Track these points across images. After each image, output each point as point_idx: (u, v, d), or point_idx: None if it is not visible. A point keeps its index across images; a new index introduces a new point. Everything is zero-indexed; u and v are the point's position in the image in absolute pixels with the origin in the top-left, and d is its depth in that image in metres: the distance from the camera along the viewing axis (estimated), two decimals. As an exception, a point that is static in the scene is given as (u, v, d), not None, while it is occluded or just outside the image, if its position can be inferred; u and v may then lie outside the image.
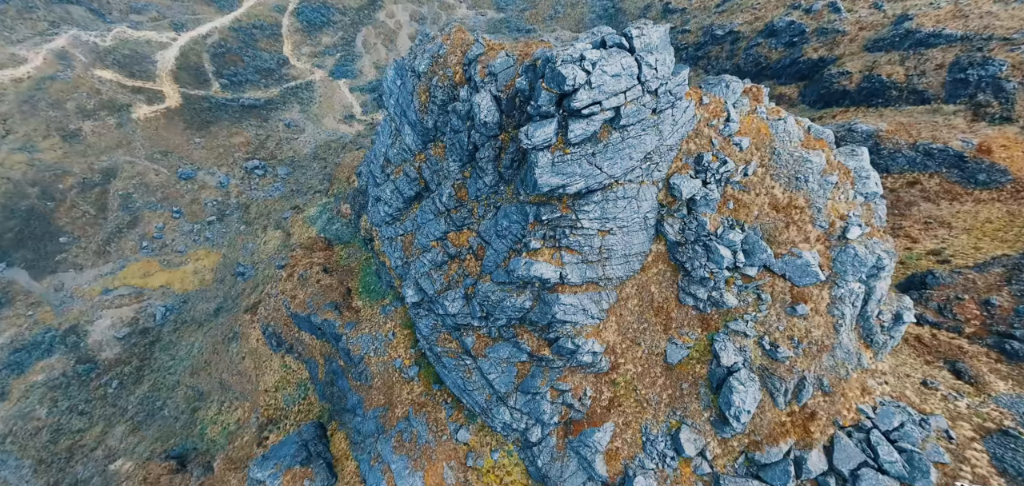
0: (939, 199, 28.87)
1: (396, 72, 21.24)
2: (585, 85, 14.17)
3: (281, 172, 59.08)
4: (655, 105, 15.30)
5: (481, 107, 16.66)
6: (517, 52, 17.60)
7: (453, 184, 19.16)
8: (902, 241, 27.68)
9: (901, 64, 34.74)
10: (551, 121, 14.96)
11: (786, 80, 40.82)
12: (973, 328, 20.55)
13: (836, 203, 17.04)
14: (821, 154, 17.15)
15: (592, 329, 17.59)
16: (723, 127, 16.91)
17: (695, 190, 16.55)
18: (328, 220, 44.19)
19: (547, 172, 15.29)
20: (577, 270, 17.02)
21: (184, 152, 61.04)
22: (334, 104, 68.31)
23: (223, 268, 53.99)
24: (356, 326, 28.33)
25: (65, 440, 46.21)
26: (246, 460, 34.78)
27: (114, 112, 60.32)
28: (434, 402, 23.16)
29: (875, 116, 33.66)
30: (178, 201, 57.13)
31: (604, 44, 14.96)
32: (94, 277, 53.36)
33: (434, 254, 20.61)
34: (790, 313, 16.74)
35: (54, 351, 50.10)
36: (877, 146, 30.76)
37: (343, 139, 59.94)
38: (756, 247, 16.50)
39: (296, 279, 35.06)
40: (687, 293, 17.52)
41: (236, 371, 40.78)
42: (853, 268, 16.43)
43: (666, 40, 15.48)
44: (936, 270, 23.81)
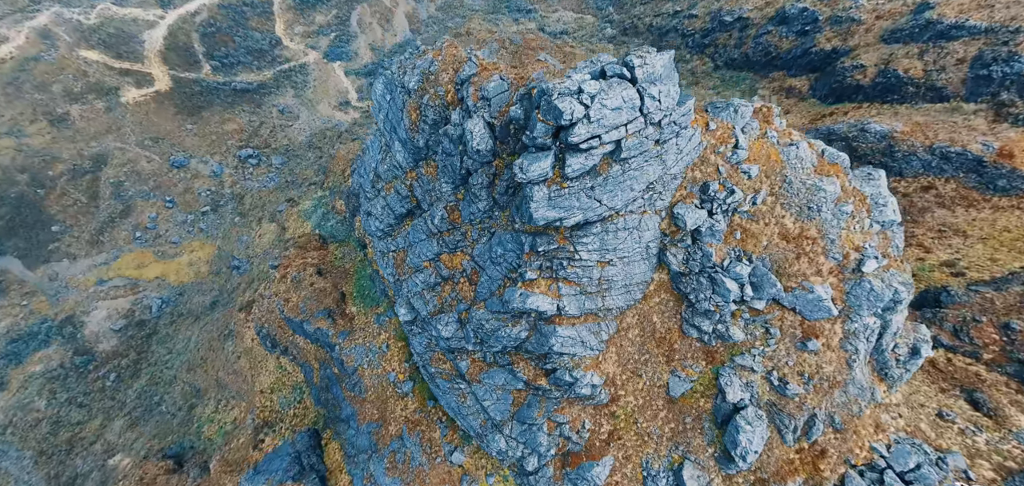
0: (955, 205, 27.71)
1: (385, 86, 19.98)
2: (583, 119, 13.02)
3: (276, 162, 57.79)
4: (658, 136, 14.16)
5: (474, 135, 15.51)
6: (512, 76, 16.33)
7: (446, 206, 18.14)
8: (914, 250, 26.66)
9: (920, 58, 33.05)
10: (547, 154, 13.86)
11: (797, 71, 39.09)
12: (991, 354, 19.68)
13: (851, 233, 16.01)
14: (835, 182, 16.02)
15: (591, 361, 16.81)
16: (731, 154, 15.76)
17: (700, 221, 15.52)
18: (323, 215, 43.18)
19: (543, 206, 14.26)
20: (575, 302, 16.15)
21: (176, 139, 59.63)
22: (329, 89, 66.49)
23: (218, 261, 53.31)
24: (350, 335, 27.68)
25: (65, 432, 46.28)
26: (242, 462, 34.60)
27: (102, 95, 58.71)
28: (429, 420, 22.62)
29: (890, 114, 32.20)
30: (171, 190, 56.09)
31: (604, 74, 13.73)
32: (88, 267, 52.76)
33: (427, 275, 19.71)
34: (800, 348, 15.91)
35: (51, 342, 49.87)
36: (891, 148, 29.43)
37: (338, 127, 58.43)
38: (765, 280, 15.56)
39: (289, 281, 34.29)
40: (691, 324, 16.66)
41: (232, 370, 40.41)
42: (868, 303, 15.52)
43: (671, 67, 14.23)
44: (951, 287, 22.85)
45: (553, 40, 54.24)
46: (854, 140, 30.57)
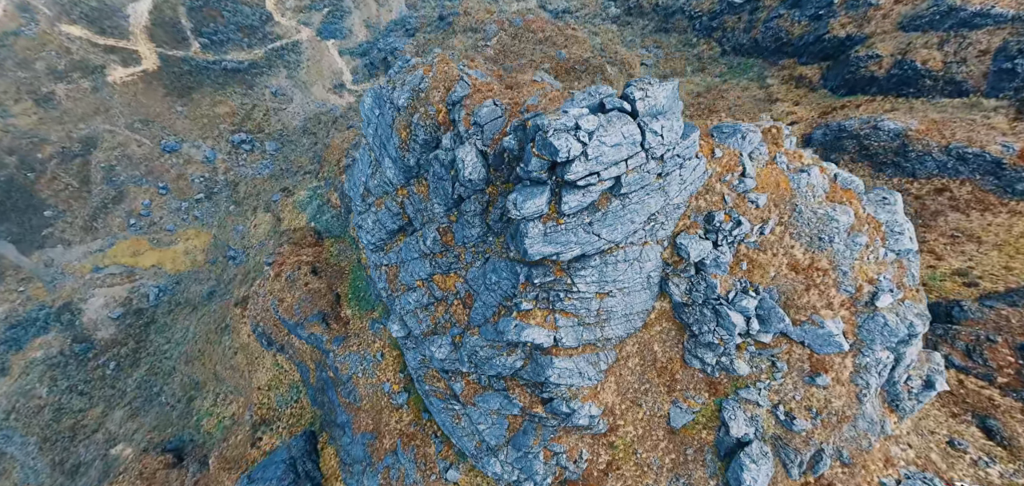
0: (969, 209, 26.66)
1: (374, 101, 18.80)
2: (581, 156, 12.02)
3: (269, 148, 56.49)
4: (661, 169, 13.17)
5: (465, 164, 14.50)
6: (506, 100, 15.18)
7: (438, 227, 17.24)
8: (925, 257, 25.75)
9: (939, 48, 31.43)
10: (542, 189, 12.90)
11: (808, 59, 37.38)
12: (1006, 378, 19.00)
13: (864, 265, 15.14)
14: (848, 211, 15.05)
15: (589, 391, 16.21)
16: (737, 183, 14.76)
17: (704, 252, 14.64)
18: (318, 208, 42.25)
19: (538, 242, 13.39)
20: (572, 333, 15.44)
21: (166, 122, 58.22)
22: (323, 69, 64.59)
23: (214, 249, 52.75)
24: (344, 342, 27.16)
25: (67, 419, 46.49)
26: (240, 460, 34.65)
27: (87, 74, 57.07)
28: (423, 434, 22.26)
29: (905, 109, 30.81)
30: (164, 176, 55.06)
31: (603, 107, 12.66)
32: (83, 254, 52.30)
33: (419, 294, 18.98)
34: (809, 382, 15.26)
35: (50, 328, 49.79)
36: (904, 147, 28.19)
37: (333, 112, 56.87)
38: (772, 314, 14.78)
39: (284, 280, 33.64)
40: (693, 355, 15.99)
41: (229, 365, 40.23)
42: (882, 337, 14.78)
43: (674, 97, 13.11)
44: (964, 301, 22.05)
45: (555, 20, 52.07)
46: (866, 138, 29.30)
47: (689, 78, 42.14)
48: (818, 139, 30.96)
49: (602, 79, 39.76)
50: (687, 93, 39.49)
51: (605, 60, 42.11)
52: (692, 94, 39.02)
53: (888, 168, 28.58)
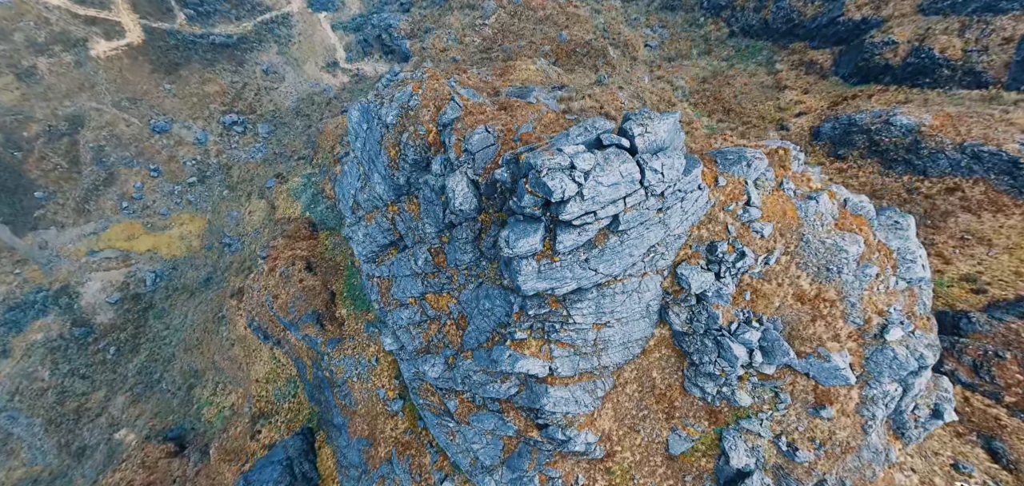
0: (982, 210, 25.77)
1: (361, 115, 17.75)
2: (576, 196, 11.21)
3: (262, 130, 55.11)
4: (661, 205, 12.36)
5: (456, 193, 13.67)
6: (499, 126, 14.18)
7: (429, 248, 16.53)
8: (933, 261, 25.03)
9: (959, 34, 29.86)
10: (536, 227, 12.13)
11: (820, 43, 35.70)
12: (1014, 397, 18.55)
13: (874, 295, 14.48)
14: (858, 239, 14.28)
15: (586, 419, 15.83)
16: (742, 212, 13.94)
17: (706, 284, 13.97)
18: (313, 197, 41.38)
19: (532, 279, 12.72)
20: (568, 362, 14.94)
21: (154, 100, 56.68)
22: (315, 45, 62.47)
23: (210, 235, 52.15)
24: (339, 345, 26.82)
25: (71, 402, 46.88)
26: (240, 452, 34.90)
27: (69, 47, 55.31)
28: (419, 443, 22.11)
29: (919, 101, 29.52)
30: (155, 158, 53.93)
31: (600, 144, 11.73)
32: (77, 237, 51.82)
33: (412, 311, 18.42)
34: (813, 413, 14.84)
35: (49, 311, 49.79)
36: (916, 144, 27.09)
37: (326, 92, 55.23)
38: (776, 346, 14.23)
39: (278, 275, 33.12)
40: (693, 383, 15.53)
41: (227, 356, 40.14)
42: (890, 370, 14.27)
43: (676, 130, 12.19)
44: (972, 313, 21.47)
45: (556, -4, 49.72)
46: (876, 133, 28.16)
47: (694, 61, 40.48)
48: (827, 133, 29.80)
49: (604, 63, 38.19)
50: (692, 78, 37.99)
51: (608, 42, 40.37)
52: (697, 79, 37.53)
53: (898, 165, 27.57)
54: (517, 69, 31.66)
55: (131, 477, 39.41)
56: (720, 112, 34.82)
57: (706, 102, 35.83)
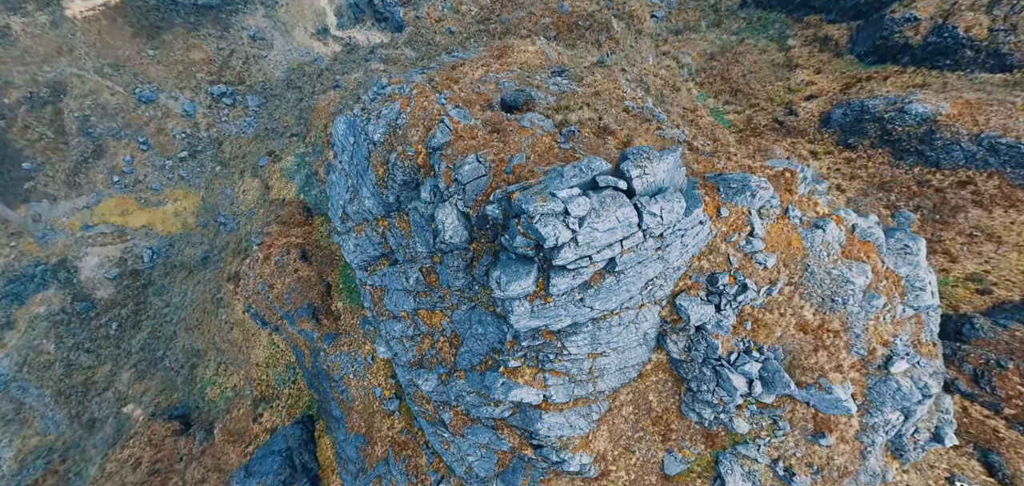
0: (993, 205, 24.94)
1: (347, 128, 16.68)
2: (570, 243, 10.53)
3: (252, 103, 53.43)
4: (660, 243, 11.65)
5: (446, 226, 12.96)
6: (491, 156, 13.23)
7: (421, 267, 15.96)
8: (938, 259, 24.45)
9: (987, 11, 28.05)
10: (529, 268, 11.51)
11: (836, 17, 33.71)
12: (1014, 409, 18.34)
13: (880, 325, 13.98)
14: (866, 269, 13.64)
15: (581, 440, 15.72)
16: (745, 243, 13.24)
17: (706, 317, 13.47)
18: (306, 178, 40.41)
19: (525, 317, 12.22)
20: (563, 389, 14.66)
21: (138, 67, 54.82)
22: (304, 8, 59.71)
23: (205, 213, 51.57)
24: (335, 341, 26.68)
25: (78, 375, 47.62)
26: (243, 433, 35.56)
27: (43, 6, 53.17)
28: (415, 443, 22.28)
29: (938, 84, 28.08)
30: (143, 130, 52.61)
31: (595, 185, 10.90)
32: (70, 210, 51.41)
33: (404, 325, 18.06)
34: (811, 440, 14.66)
35: (49, 285, 50.01)
36: (931, 134, 25.94)
37: (318, 62, 53.17)
38: (777, 378, 13.87)
39: (273, 264, 32.71)
40: (691, 409, 15.30)
41: (227, 339, 40.32)
42: (893, 401, 13.96)
43: (675, 168, 11.36)
44: (975, 318, 21.04)
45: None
46: (890, 121, 26.93)
47: (703, 34, 38.46)
48: (837, 119, 28.53)
49: (607, 37, 36.30)
50: (699, 54, 36.19)
51: (612, 13, 38.26)
52: (705, 56, 35.75)
53: (910, 156, 26.52)
54: (515, 50, 30.07)
55: (139, 453, 40.33)
56: (727, 93, 33.34)
57: (713, 81, 34.27)
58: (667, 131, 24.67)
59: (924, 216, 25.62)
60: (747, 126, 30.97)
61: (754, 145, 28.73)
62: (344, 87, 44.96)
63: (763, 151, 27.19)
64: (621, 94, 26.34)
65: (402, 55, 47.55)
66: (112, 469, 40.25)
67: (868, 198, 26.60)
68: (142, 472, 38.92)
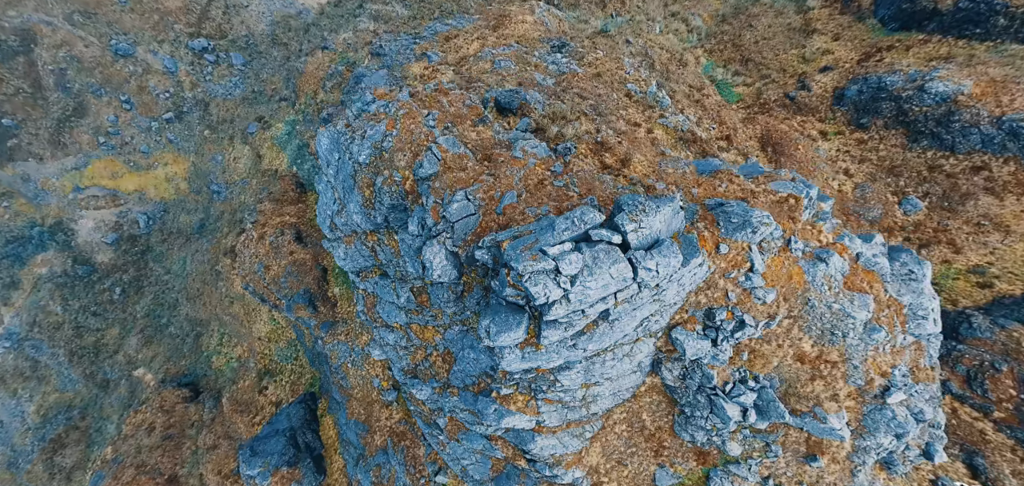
0: (1006, 193, 24.10)
1: (331, 143, 15.61)
2: (562, 300, 10.07)
3: (236, 61, 51.08)
4: (656, 292, 11.16)
5: (434, 266, 12.39)
6: (480, 194, 12.38)
7: (412, 288, 15.58)
8: (942, 250, 23.94)
9: (1022, -24, 25.87)
10: (519, 319, 11.13)
11: (860, -24, 31.17)
12: (1004, 412, 18.48)
13: (879, 356, 13.74)
14: (868, 303, 13.20)
15: (573, 457, 15.99)
16: (744, 279, 12.72)
17: (702, 352, 13.22)
18: (298, 149, 39.21)
19: (516, 361, 12.00)
20: (557, 415, 14.71)
21: (111, 17, 52.15)
22: (288, -48, 55.65)
23: (197, 178, 50.70)
24: (332, 329, 26.77)
25: (88, 337, 48.73)
26: (250, 404, 36.62)
27: None
28: (413, 434, 22.84)
29: (963, 59, 26.39)
30: (123, 87, 50.69)
31: (589, 239, 10.22)
32: (58, 171, 50.77)
33: (398, 335, 17.95)
34: (803, 461, 14.86)
35: (47, 247, 50.39)
36: (949, 116, 24.66)
37: (304, 17, 50.30)
38: (771, 407, 13.83)
39: (268, 245, 32.36)
40: (684, 429, 15.41)
41: (228, 312, 40.68)
42: (887, 428, 13.98)
43: (672, 216, 10.58)
44: (974, 316, 20.83)
45: None
46: (907, 101, 25.53)
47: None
48: (852, 96, 27.06)
49: (612, -4, 33.82)
50: (710, 16, 33.90)
51: (616, -33, 35.43)
52: (716, 19, 33.49)
53: (925, 139, 25.36)
54: (513, 20, 28.16)
55: (152, 419, 41.73)
56: (737, 62, 31.51)
57: (723, 48, 32.31)
58: (670, 119, 23.49)
59: (932, 203, 24.86)
60: (756, 101, 29.49)
61: (761, 126, 27.44)
62: (333, 48, 42.64)
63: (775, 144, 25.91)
64: (623, 76, 24.88)
65: (394, 12, 44.72)
66: (128, 432, 41.79)
67: (876, 183, 25.71)
68: (156, 436, 40.40)
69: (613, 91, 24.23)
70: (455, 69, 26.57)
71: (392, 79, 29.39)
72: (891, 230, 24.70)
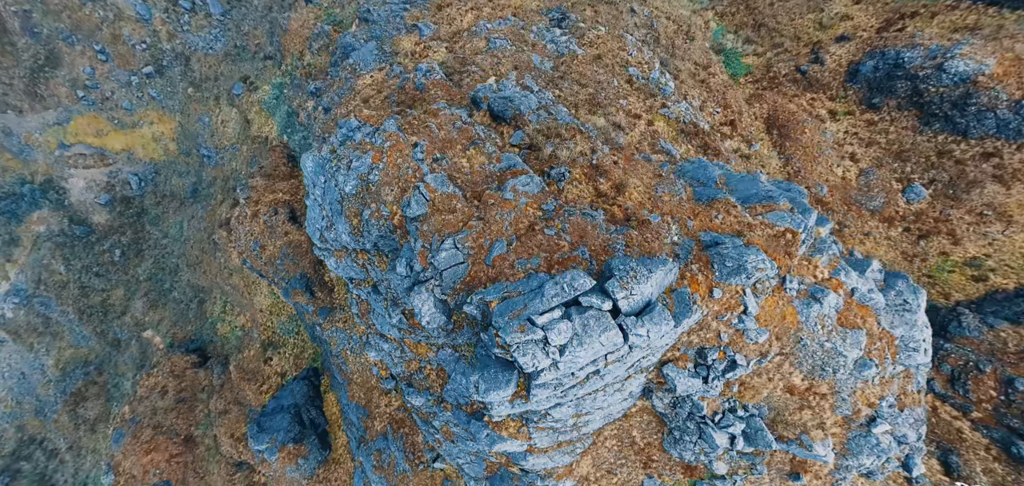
0: (1014, 181, 23.39)
1: (316, 168, 14.76)
2: (550, 367, 10.02)
3: (215, 10, 48.07)
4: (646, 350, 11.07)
5: (423, 313, 12.18)
6: (469, 243, 11.83)
7: (404, 310, 15.52)
8: (941, 241, 23.61)
9: (1062, -63, 23.66)
10: (509, 377, 11.15)
11: (886, -71, 28.46)
12: (982, 413, 18.95)
13: (868, 388, 13.89)
14: (860, 341, 13.14)
15: (564, 470, 16.65)
16: (736, 322, 12.57)
17: (693, 389, 13.35)
18: (287, 116, 37.81)
19: (506, 408, 12.14)
20: (548, 438, 15.13)
21: (72, -49, 48.61)
22: None
23: (185, 140, 49.44)
24: (329, 316, 27.03)
25: (95, 296, 49.72)
26: (256, 373, 37.82)
27: None
28: (412, 421, 23.68)
29: (990, 30, 24.69)
30: (95, 34, 48.16)
31: (578, 304, 9.95)
32: (40, 125, 49.80)
33: (391, 346, 18.15)
34: (787, 478, 15.47)
35: (41, 204, 50.53)
36: (966, 98, 23.47)
37: (285, -37, 46.50)
38: (759, 436, 14.18)
39: (262, 223, 32.01)
40: (673, 448, 15.90)
41: (228, 283, 41.01)
42: (870, 452, 14.40)
43: (665, 277, 10.25)
44: (963, 316, 20.89)
45: None
46: (924, 80, 24.21)
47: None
48: (866, 74, 25.63)
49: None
50: (721, -25, 31.38)
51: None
52: (726, -21, 31.02)
53: (937, 121, 24.30)
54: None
55: (164, 383, 43.25)
56: (750, 28, 29.59)
57: (735, 12, 30.22)
58: (671, 108, 22.55)
59: (937, 191, 24.22)
60: (765, 75, 27.98)
61: (768, 104, 26.21)
62: (318, 3, 39.92)
63: (780, 126, 24.76)
64: (625, 58, 23.52)
65: (380, -39, 41.39)
66: (143, 393, 43.39)
67: (882, 169, 24.95)
68: (170, 399, 42.00)
69: (614, 76, 22.91)
70: (448, 46, 25.01)
71: (382, 54, 27.71)
72: (892, 220, 24.26)
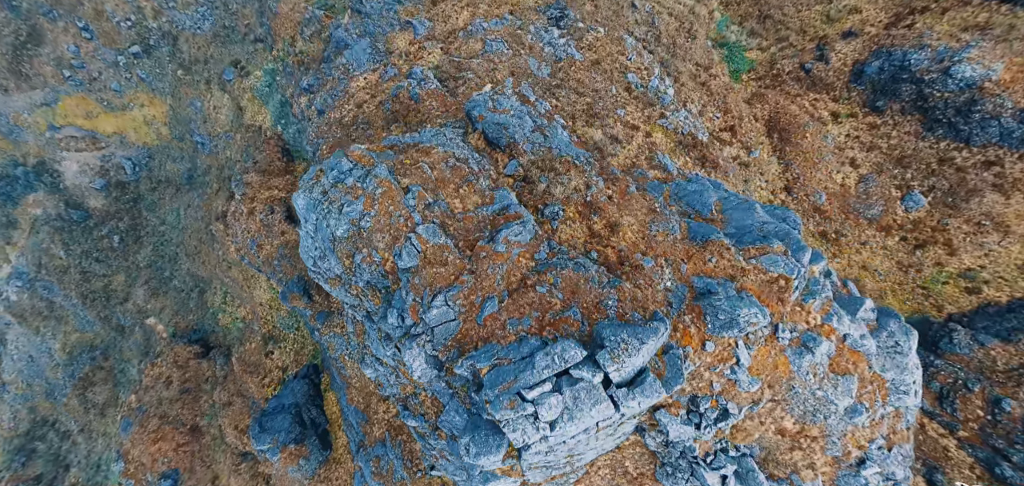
0: (1014, 191, 23.14)
1: (307, 206, 14.44)
2: (541, 441, 10.18)
3: (200, -12, 46.31)
4: (641, 423, 11.22)
5: (414, 368, 12.25)
6: (460, 300, 11.70)
7: (396, 345, 15.61)
8: (937, 251, 23.54)
9: (1085, -68, 22.54)
10: (499, 442, 11.32)
11: (901, -84, 27.02)
12: (968, 432, 19.35)
13: (858, 432, 14.12)
14: (851, 388, 13.28)
15: (557, 491, 17.15)
16: (729, 372, 12.65)
17: (685, 436, 13.58)
18: (281, 106, 36.98)
19: (498, 462, 12.39)
20: (541, 474, 15.49)
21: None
22: None
23: (177, 125, 48.60)
24: (328, 320, 27.19)
25: (97, 281, 50.10)
26: (258, 366, 38.41)
27: None
28: (410, 429, 24.22)
29: (1002, 30, 23.86)
30: (78, 9, 46.69)
31: (568, 375, 10.00)
32: (28, 106, 49.23)
33: (387, 370, 18.36)
34: (769, 501, 15.96)
35: (36, 187, 50.45)
36: (970, 104, 22.92)
37: (272, -61, 44.41)
38: (750, 476, 14.52)
39: (259, 221, 31.83)
40: (665, 480, 16.30)
41: (227, 275, 41.13)
42: (854, 488, 14.81)
43: (658, 343, 10.25)
44: (955, 332, 21.03)
45: None
46: (929, 84, 23.58)
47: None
48: (871, 74, 24.91)
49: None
50: (725, -38, 30.03)
51: None
52: (731, -33, 29.69)
53: (941, 128, 23.83)
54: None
55: (169, 373, 43.98)
56: (755, 19, 28.56)
57: (741, 1, 29.12)
58: (670, 119, 22.06)
59: (935, 199, 23.99)
60: (768, 72, 27.20)
61: (770, 105, 25.58)
62: (308, -13, 38.28)
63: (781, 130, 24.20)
64: (624, 63, 22.88)
65: (371, -59, 39.46)
66: (148, 383, 44.21)
67: (881, 176, 24.61)
68: (174, 390, 42.79)
69: (612, 83, 22.28)
70: (443, 47, 24.28)
71: (375, 53, 26.89)
72: (889, 229, 24.11)
